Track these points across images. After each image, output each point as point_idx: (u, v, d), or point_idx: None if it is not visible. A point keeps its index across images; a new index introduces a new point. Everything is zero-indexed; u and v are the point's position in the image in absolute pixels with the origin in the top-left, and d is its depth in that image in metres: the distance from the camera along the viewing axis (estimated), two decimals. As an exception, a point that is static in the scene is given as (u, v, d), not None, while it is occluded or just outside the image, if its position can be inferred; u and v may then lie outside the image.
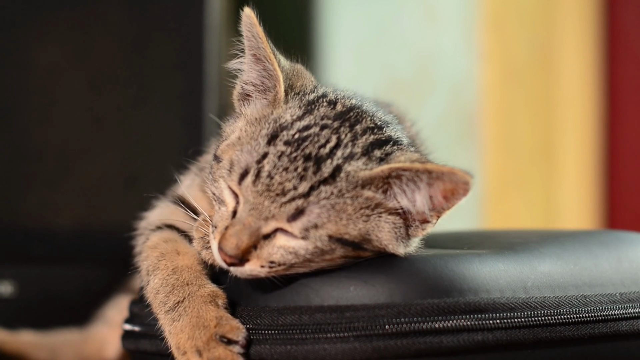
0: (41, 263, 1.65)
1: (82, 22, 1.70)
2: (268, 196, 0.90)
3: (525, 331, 0.93)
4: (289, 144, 0.92)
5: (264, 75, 0.99)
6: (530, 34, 2.48)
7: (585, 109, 2.57)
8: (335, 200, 0.91)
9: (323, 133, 0.93)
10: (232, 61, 1.02)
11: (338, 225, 0.91)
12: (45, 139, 1.68)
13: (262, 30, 0.97)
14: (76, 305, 1.51)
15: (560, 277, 0.99)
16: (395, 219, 0.94)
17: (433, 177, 0.91)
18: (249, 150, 0.93)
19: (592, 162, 2.58)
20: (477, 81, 2.41)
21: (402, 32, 2.42)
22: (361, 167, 0.92)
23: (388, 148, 0.95)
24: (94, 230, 1.12)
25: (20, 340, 1.43)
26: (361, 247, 0.93)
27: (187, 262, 0.99)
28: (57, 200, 1.68)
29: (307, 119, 0.95)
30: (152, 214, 1.10)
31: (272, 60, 0.97)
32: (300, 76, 1.02)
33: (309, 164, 0.91)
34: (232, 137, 0.98)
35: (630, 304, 1.01)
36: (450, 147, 2.38)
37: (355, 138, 0.94)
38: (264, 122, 0.96)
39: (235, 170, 0.93)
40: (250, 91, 1.01)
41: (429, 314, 0.90)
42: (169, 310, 0.95)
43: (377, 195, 0.93)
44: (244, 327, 0.93)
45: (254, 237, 0.91)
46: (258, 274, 0.92)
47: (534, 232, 1.19)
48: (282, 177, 0.90)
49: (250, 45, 0.99)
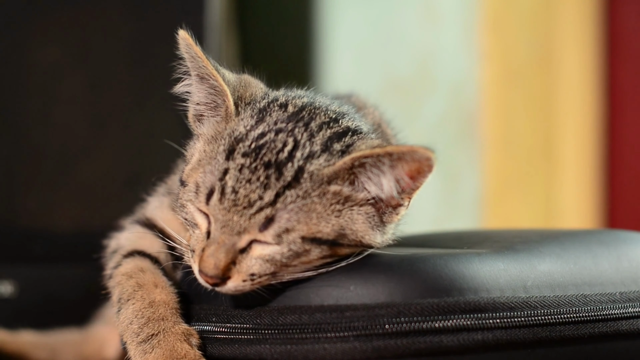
0: (41, 263, 1.65)
1: (82, 22, 1.70)
2: (236, 211, 0.90)
3: (525, 330, 0.93)
4: (247, 155, 0.92)
5: (212, 93, 0.99)
6: (530, 34, 2.47)
7: (585, 108, 2.57)
8: (302, 202, 0.91)
9: (279, 137, 0.93)
10: (178, 85, 1.01)
11: (309, 225, 0.91)
12: (45, 139, 1.68)
13: (200, 50, 0.97)
14: (76, 305, 1.51)
15: (560, 277, 0.99)
16: (367, 209, 0.94)
17: (395, 159, 0.91)
18: (210, 170, 0.93)
19: (592, 161, 2.58)
20: (477, 81, 2.40)
21: (402, 31, 2.42)
22: (323, 164, 0.92)
23: (347, 139, 0.95)
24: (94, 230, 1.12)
25: (20, 340, 1.43)
26: (337, 244, 0.93)
27: (164, 298, 0.99)
28: (57, 201, 1.68)
29: (261, 127, 0.95)
30: (122, 237, 1.10)
31: (215, 77, 0.97)
32: (249, 85, 1.01)
33: (270, 171, 0.91)
34: (193, 159, 0.98)
35: (630, 303, 1.01)
36: (450, 147, 2.38)
37: (312, 136, 0.94)
38: (220, 139, 0.96)
39: (201, 191, 0.93)
40: (202, 111, 1.01)
41: (429, 313, 0.90)
42: (141, 341, 0.95)
43: (345, 188, 0.93)
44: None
45: (230, 253, 0.91)
46: (243, 288, 0.92)
47: (533, 232, 1.19)
48: (247, 189, 0.90)
49: (192, 66, 0.98)
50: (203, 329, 0.97)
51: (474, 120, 2.40)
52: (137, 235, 1.08)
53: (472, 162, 2.39)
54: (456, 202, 2.41)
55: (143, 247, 1.06)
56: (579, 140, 2.55)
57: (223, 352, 0.95)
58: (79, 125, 1.69)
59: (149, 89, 1.70)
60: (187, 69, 0.99)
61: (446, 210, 2.40)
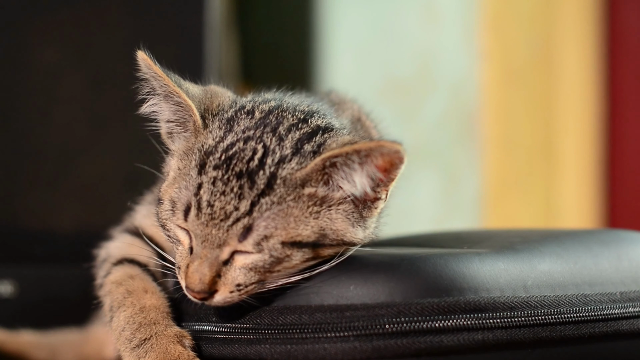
0: (41, 263, 1.65)
1: (82, 22, 1.70)
2: (214, 224, 0.90)
3: (525, 330, 0.93)
4: (219, 168, 0.92)
5: (178, 109, 0.99)
6: (530, 34, 2.48)
7: (585, 108, 2.57)
8: (278, 208, 0.90)
9: (248, 146, 0.93)
10: (144, 106, 1.01)
11: (287, 230, 0.91)
12: (45, 139, 1.68)
13: (159, 68, 0.97)
14: (76, 305, 1.50)
15: (560, 276, 0.99)
16: (345, 207, 0.93)
17: (363, 156, 0.90)
18: (185, 186, 0.93)
19: (592, 161, 2.58)
20: (477, 81, 2.41)
21: (402, 31, 2.42)
22: (295, 168, 0.92)
23: (318, 138, 0.95)
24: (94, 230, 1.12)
25: (20, 340, 1.43)
26: (319, 245, 0.92)
27: (154, 302, 1.00)
28: (57, 201, 1.68)
29: (229, 137, 0.94)
30: (111, 246, 1.10)
31: (178, 93, 0.97)
32: (216, 96, 1.01)
33: (243, 181, 0.91)
34: (169, 176, 0.98)
35: (631, 302, 1.01)
36: (450, 147, 2.39)
37: (281, 140, 0.94)
38: (191, 154, 0.96)
39: (178, 208, 0.93)
40: (172, 128, 1.00)
41: (429, 313, 0.90)
42: (134, 347, 0.96)
43: (320, 189, 0.92)
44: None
45: (214, 266, 0.91)
46: (231, 300, 0.93)
47: (534, 231, 1.19)
48: (222, 201, 0.90)
49: (155, 86, 0.98)
50: (203, 329, 0.97)
51: (474, 120, 2.40)
52: (126, 244, 1.08)
53: (472, 162, 2.39)
54: (456, 202, 2.41)
55: (132, 254, 1.06)
56: (579, 140, 2.55)
57: (223, 352, 0.95)
58: (79, 125, 1.69)
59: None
60: (150, 89, 0.99)
61: (446, 210, 2.40)
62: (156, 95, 0.99)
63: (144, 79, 0.98)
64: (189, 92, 0.98)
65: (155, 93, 0.99)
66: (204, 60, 1.71)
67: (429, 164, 2.33)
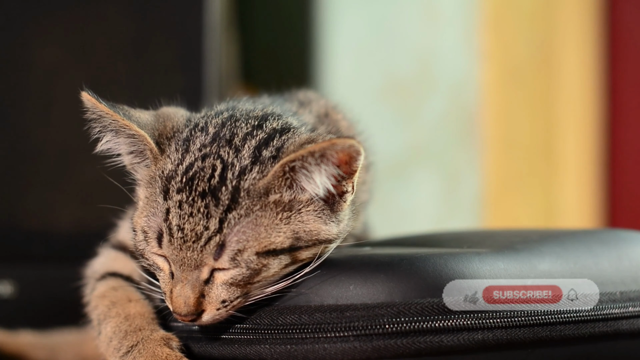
0: (41, 263, 1.65)
1: (82, 22, 1.70)
2: (188, 247, 0.91)
3: (525, 330, 0.93)
4: (182, 191, 0.92)
5: (133, 141, 0.98)
6: (530, 33, 2.48)
7: (585, 108, 2.57)
8: (247, 220, 0.90)
9: (207, 163, 0.93)
10: (99, 145, 1.00)
11: (259, 240, 0.91)
12: (45, 139, 1.68)
13: (105, 106, 0.96)
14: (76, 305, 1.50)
15: (560, 276, 0.99)
16: (314, 206, 0.93)
17: (319, 156, 0.90)
18: (154, 213, 0.93)
19: (593, 161, 2.58)
20: (477, 81, 2.41)
21: (402, 32, 2.43)
22: (257, 177, 0.92)
23: (275, 142, 0.94)
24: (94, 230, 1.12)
25: (20, 340, 1.43)
26: (295, 248, 0.92)
27: (139, 310, 1.00)
28: (57, 201, 1.68)
29: (187, 158, 0.94)
30: (97, 262, 1.10)
31: (129, 126, 0.96)
32: (168, 119, 1.00)
33: (207, 200, 0.91)
34: (139, 206, 0.98)
35: (631, 302, 1.01)
36: (450, 147, 2.39)
37: (238, 151, 0.93)
38: (154, 181, 0.96)
39: (150, 236, 0.93)
40: (132, 159, 1.00)
41: (429, 313, 0.90)
42: (123, 355, 0.96)
43: (285, 194, 0.92)
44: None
45: (196, 287, 0.91)
46: (220, 317, 0.93)
47: (534, 231, 1.19)
48: (191, 223, 0.90)
49: (105, 124, 0.98)
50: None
51: (474, 120, 2.40)
52: (110, 258, 1.09)
53: (472, 162, 2.39)
54: (456, 202, 2.41)
55: (115, 268, 1.07)
56: (579, 140, 2.55)
57: (223, 352, 0.95)
58: (79, 125, 1.69)
59: (148, 88, 1.70)
60: (101, 127, 0.98)
61: (446, 210, 2.40)
62: (109, 131, 0.98)
63: (92, 119, 0.98)
64: (140, 122, 0.98)
65: (107, 130, 0.98)
66: (204, 60, 1.71)
67: (429, 164, 2.33)
